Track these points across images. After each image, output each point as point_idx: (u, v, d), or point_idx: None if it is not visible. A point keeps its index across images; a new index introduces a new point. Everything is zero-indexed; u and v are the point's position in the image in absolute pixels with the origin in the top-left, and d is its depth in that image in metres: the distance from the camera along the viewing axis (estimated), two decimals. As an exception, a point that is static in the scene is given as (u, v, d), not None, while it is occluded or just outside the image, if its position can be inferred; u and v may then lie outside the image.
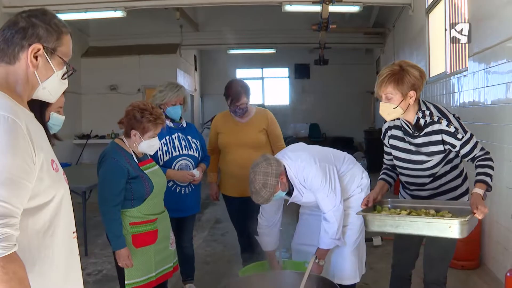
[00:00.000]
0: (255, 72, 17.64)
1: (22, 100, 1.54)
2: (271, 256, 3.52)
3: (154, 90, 3.87)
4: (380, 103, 2.80)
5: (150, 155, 3.24)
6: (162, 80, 3.98)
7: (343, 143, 13.34)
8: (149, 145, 3.04)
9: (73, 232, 1.64)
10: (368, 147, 12.68)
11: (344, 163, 3.40)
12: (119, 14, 8.50)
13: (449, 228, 2.49)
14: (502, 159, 4.01)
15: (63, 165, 2.80)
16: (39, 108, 3.13)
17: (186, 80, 14.57)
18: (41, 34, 1.53)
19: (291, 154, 3.27)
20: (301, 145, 3.53)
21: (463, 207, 2.72)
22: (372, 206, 2.91)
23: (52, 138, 2.58)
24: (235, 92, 4.00)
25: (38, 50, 1.52)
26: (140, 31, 12.80)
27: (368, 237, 5.33)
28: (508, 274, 3.14)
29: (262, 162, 3.08)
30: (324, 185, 3.12)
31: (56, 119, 2.61)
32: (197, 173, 3.74)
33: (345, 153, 3.54)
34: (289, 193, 3.23)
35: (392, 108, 2.74)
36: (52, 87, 1.61)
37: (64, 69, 1.63)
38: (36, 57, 1.53)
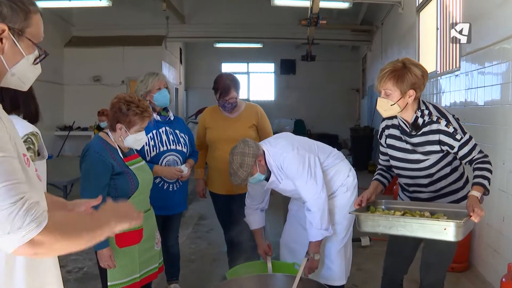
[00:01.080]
0: (241, 66, 17.54)
1: None
2: (258, 234, 3.54)
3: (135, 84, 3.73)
4: (379, 98, 2.73)
5: (136, 150, 3.09)
6: (147, 72, 3.82)
7: (328, 140, 13.12)
8: (135, 139, 2.88)
9: None
10: (354, 145, 12.67)
11: (330, 156, 3.35)
12: (104, 3, 8.38)
13: (444, 231, 2.41)
14: (494, 161, 3.90)
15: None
16: (14, 94, 2.84)
17: (171, 73, 14.41)
18: (5, 13, 1.34)
19: (272, 140, 3.34)
20: (285, 134, 3.54)
21: (458, 210, 2.64)
22: (365, 206, 2.83)
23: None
24: (224, 86, 3.87)
25: (3, 31, 1.34)
26: (125, 22, 12.63)
27: (356, 237, 5.27)
28: (503, 279, 3.08)
29: (240, 144, 3.14)
30: (302, 172, 3.10)
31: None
32: (185, 169, 3.60)
33: (333, 148, 3.49)
34: (268, 179, 3.24)
35: (390, 104, 2.67)
36: (22, 73, 1.42)
37: (36, 53, 1.44)
38: (1, 40, 1.35)
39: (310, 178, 3.09)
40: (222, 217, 4.17)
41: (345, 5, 8.43)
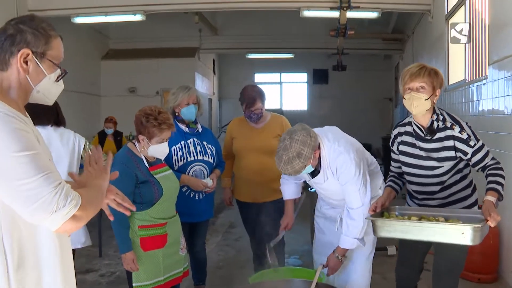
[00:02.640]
0: (273, 76, 17.65)
1: (17, 106, 1.59)
2: (288, 204, 3.46)
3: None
4: (410, 94, 2.72)
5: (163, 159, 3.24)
6: (180, 83, 4.00)
7: (361, 150, 13.20)
8: (156, 150, 3.03)
9: None
10: (386, 154, 12.54)
11: (371, 165, 3.29)
12: (138, 17, 8.59)
13: (462, 234, 2.44)
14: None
15: (80, 166, 2.90)
16: (55, 110, 3.45)
17: (205, 84, 14.63)
18: (29, 39, 1.58)
19: (331, 135, 3.07)
20: (339, 130, 3.26)
21: (472, 216, 2.68)
22: (379, 212, 2.86)
23: None
24: (249, 97, 3.99)
25: (27, 55, 1.58)
26: (159, 35, 12.92)
27: (383, 246, 5.28)
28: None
29: (301, 130, 2.85)
30: (358, 177, 2.94)
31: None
32: (210, 182, 3.71)
33: (373, 157, 3.41)
34: (313, 173, 3.07)
35: (423, 99, 2.70)
36: (46, 90, 1.66)
37: (58, 71, 1.67)
38: (26, 62, 1.58)
39: (362, 186, 2.96)
40: (249, 225, 4.26)
41: (374, 15, 8.43)
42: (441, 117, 2.77)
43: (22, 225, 1.50)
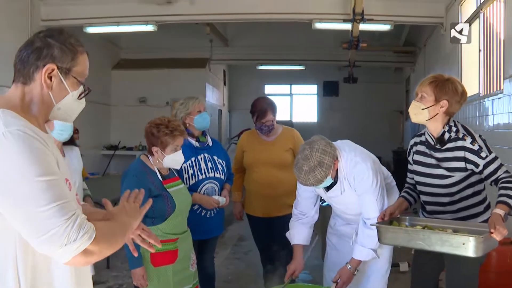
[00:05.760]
0: (284, 88, 17.61)
1: (37, 121, 1.51)
2: (297, 250, 3.24)
3: (173, 108, 3.76)
4: (413, 101, 2.79)
5: (176, 172, 3.19)
6: (191, 94, 3.95)
7: (371, 162, 13.12)
8: (172, 159, 2.98)
9: None
10: (396, 167, 12.45)
11: (386, 178, 3.24)
12: (150, 28, 8.60)
13: (463, 245, 2.40)
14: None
15: (90, 174, 2.90)
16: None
17: (215, 95, 14.63)
18: (55, 54, 1.51)
19: (345, 145, 3.04)
20: (352, 143, 3.18)
21: (482, 229, 2.59)
22: (388, 221, 2.82)
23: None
24: (261, 109, 3.94)
25: (52, 70, 1.51)
26: (170, 45, 12.94)
27: (395, 263, 5.17)
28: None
29: (319, 140, 2.83)
30: (376, 187, 2.91)
31: (61, 125, 2.76)
32: (222, 200, 3.60)
33: (387, 171, 3.34)
34: (328, 186, 2.97)
35: (421, 108, 2.73)
36: (67, 107, 1.59)
37: (81, 89, 1.60)
38: (50, 78, 1.51)
39: (380, 196, 2.94)
40: (259, 240, 4.20)
41: (386, 28, 8.38)
42: (454, 129, 2.74)
43: (37, 252, 1.41)
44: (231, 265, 5.74)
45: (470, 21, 6.45)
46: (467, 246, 2.37)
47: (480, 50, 5.98)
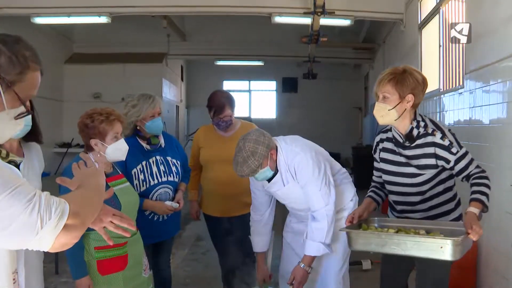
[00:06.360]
0: (243, 84, 17.49)
1: None
2: (260, 258, 3.28)
3: (125, 106, 3.43)
4: (376, 103, 2.63)
5: (126, 178, 2.92)
6: (147, 89, 3.67)
7: (330, 159, 13.16)
8: (116, 148, 2.70)
9: (12, 273, 1.38)
10: (356, 164, 12.50)
11: (339, 173, 3.15)
12: (103, 20, 8.24)
13: (441, 249, 2.27)
14: (501, 182, 3.78)
15: (43, 175, 2.51)
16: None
17: (172, 91, 14.32)
18: (1, 62, 1.32)
19: (287, 138, 3.05)
20: (298, 136, 3.19)
21: (455, 229, 2.52)
22: (357, 224, 2.69)
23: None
24: (218, 104, 3.72)
25: None
26: (126, 39, 12.59)
27: (357, 260, 5.08)
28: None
29: (254, 131, 2.88)
30: (318, 177, 2.83)
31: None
32: (176, 205, 3.35)
33: (341, 166, 3.27)
34: (271, 178, 2.95)
35: (387, 109, 2.58)
36: None
37: (21, 109, 1.38)
38: None
39: (324, 186, 2.85)
40: (217, 240, 4.00)
41: (346, 23, 8.34)
42: (422, 124, 2.62)
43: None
44: (188, 267, 5.51)
45: (429, 17, 6.44)
46: (445, 250, 2.25)
47: (440, 46, 5.96)
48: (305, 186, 2.87)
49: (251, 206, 3.28)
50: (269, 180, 2.95)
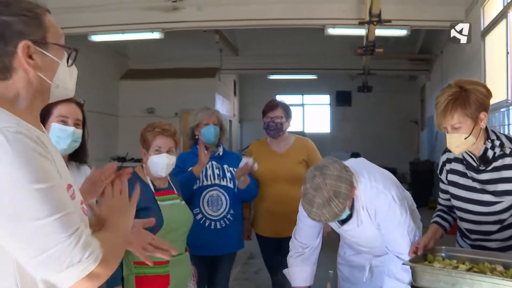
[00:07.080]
0: (296, 98, 17.31)
1: (31, 117, 1.25)
2: None
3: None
4: (447, 135, 2.24)
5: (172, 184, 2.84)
6: (200, 104, 3.79)
7: (386, 174, 12.76)
8: (154, 161, 2.64)
9: None
10: (413, 179, 12.04)
11: (408, 202, 2.66)
12: (156, 35, 8.36)
13: None
14: None
15: None
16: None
17: (225, 105, 14.34)
18: (20, 29, 1.20)
19: (363, 169, 2.50)
20: (367, 162, 2.67)
21: None
22: (422, 255, 2.32)
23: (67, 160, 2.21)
24: (271, 104, 3.74)
25: (28, 48, 1.21)
26: (179, 55, 12.73)
27: None
28: None
29: (332, 163, 2.30)
30: (405, 219, 2.40)
31: (58, 131, 2.14)
32: (252, 162, 3.37)
33: (405, 190, 2.77)
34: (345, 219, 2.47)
35: (463, 138, 2.18)
36: (64, 81, 1.31)
37: (66, 54, 1.31)
38: (31, 57, 1.21)
39: (410, 227, 2.43)
40: (269, 261, 3.82)
41: (402, 33, 8.02)
42: (497, 142, 2.24)
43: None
44: (239, 286, 5.34)
45: (495, 22, 6.06)
46: None
47: (508, 53, 5.57)
48: (389, 230, 2.45)
49: (295, 228, 2.80)
50: (343, 222, 2.49)
